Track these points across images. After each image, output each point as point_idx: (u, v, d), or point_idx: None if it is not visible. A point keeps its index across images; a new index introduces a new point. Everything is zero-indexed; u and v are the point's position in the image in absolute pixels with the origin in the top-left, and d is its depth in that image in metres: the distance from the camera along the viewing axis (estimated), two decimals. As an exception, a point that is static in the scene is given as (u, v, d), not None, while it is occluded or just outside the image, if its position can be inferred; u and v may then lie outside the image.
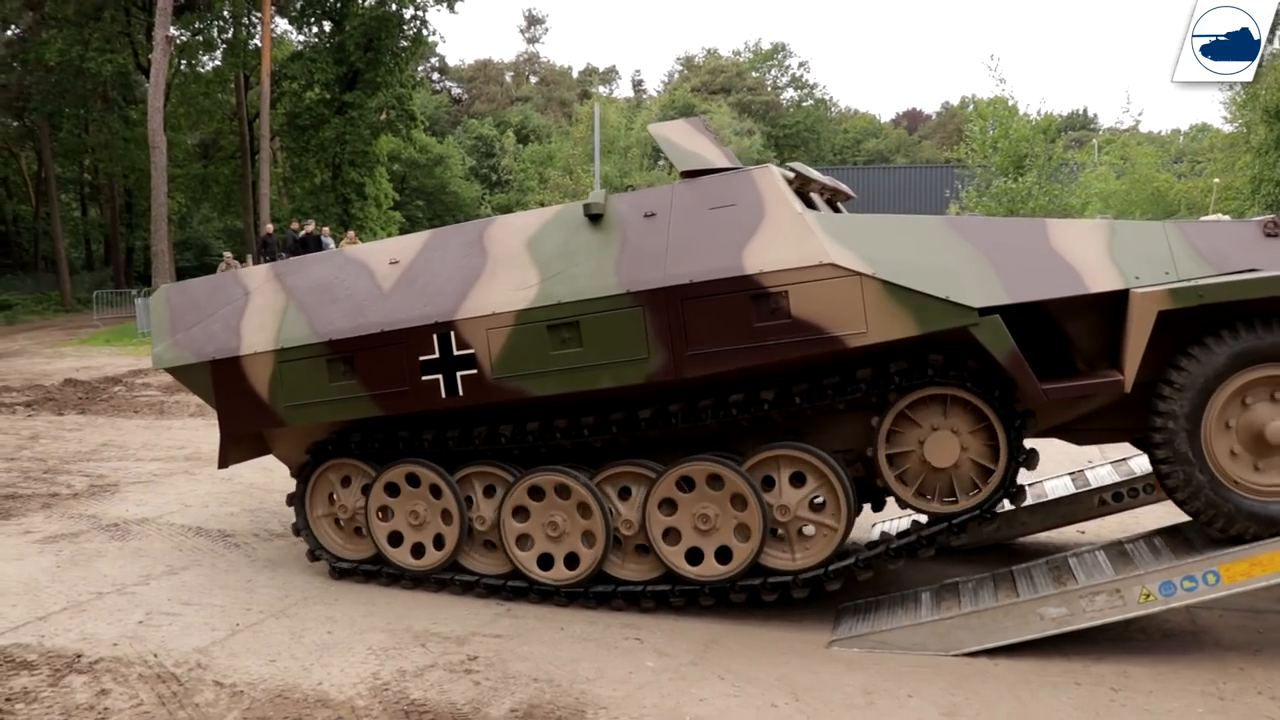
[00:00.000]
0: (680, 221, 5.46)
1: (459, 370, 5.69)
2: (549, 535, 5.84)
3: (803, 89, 74.97)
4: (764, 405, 5.40)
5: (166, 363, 6.53)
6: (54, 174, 40.70)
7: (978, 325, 4.91)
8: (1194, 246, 4.97)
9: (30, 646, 5.22)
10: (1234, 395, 4.82)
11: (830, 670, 4.86)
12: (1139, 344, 4.72)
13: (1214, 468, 4.84)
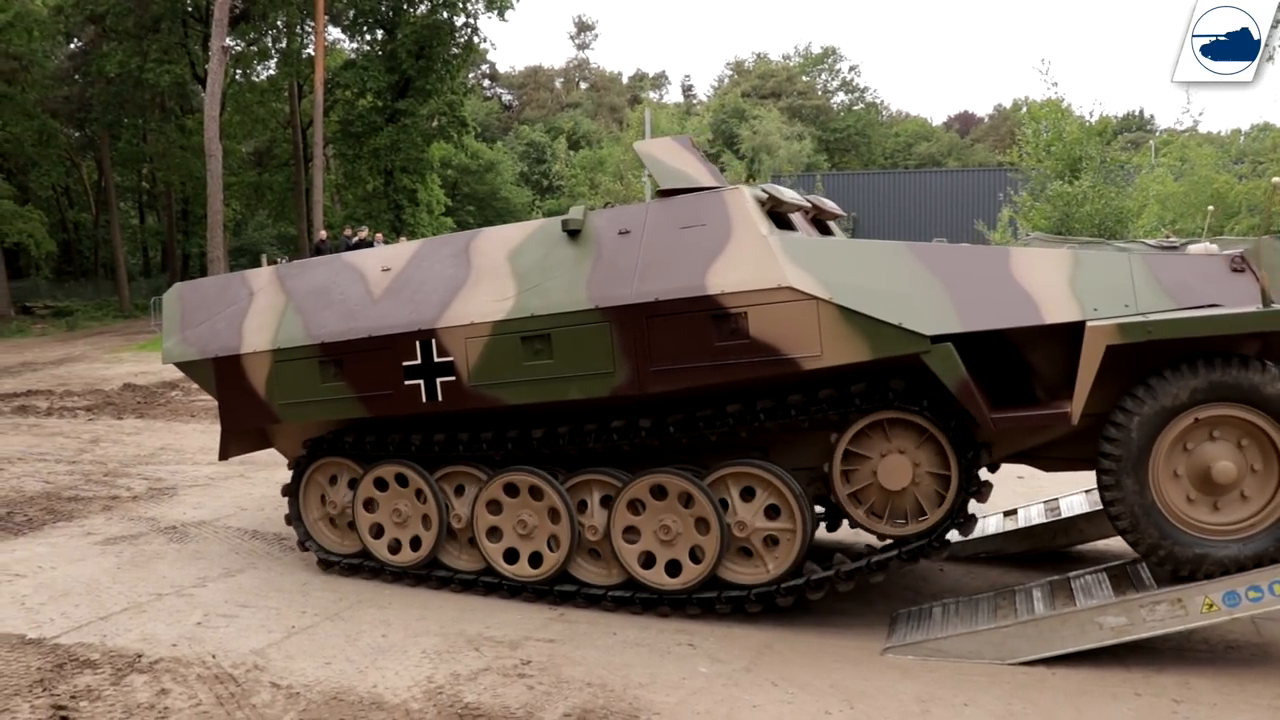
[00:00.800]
0: (652, 239, 5.58)
1: (439, 377, 5.91)
2: (519, 533, 6.03)
3: (854, 93, 74.55)
4: (729, 422, 5.49)
5: (175, 358, 6.80)
6: (113, 182, 41.49)
7: (929, 353, 4.96)
8: (1157, 279, 4.93)
9: (93, 646, 5.31)
10: (1183, 434, 4.81)
11: (885, 677, 4.81)
12: (1088, 377, 4.73)
13: (1161, 506, 4.84)
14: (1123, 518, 4.88)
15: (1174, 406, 4.75)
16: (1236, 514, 4.82)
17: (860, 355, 5.08)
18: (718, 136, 60.61)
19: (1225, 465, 4.74)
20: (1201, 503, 4.85)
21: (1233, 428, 4.78)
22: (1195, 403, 4.74)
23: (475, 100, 57.66)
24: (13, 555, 7.11)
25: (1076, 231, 18.31)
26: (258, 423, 6.72)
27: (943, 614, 5.43)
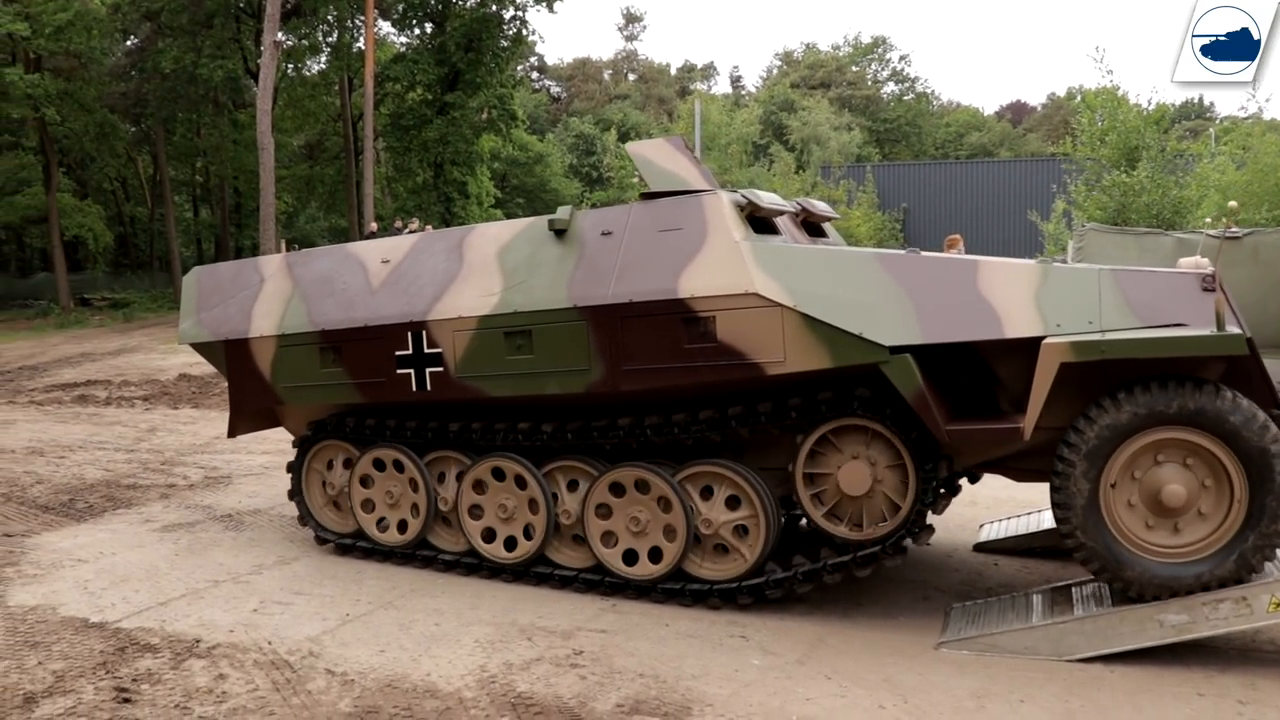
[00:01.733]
0: (632, 241, 5.69)
1: (428, 367, 6.16)
2: (500, 516, 6.26)
3: (904, 83, 73.75)
4: (703, 427, 5.63)
5: (189, 338, 7.21)
6: (168, 176, 42.04)
7: (888, 363, 5.03)
8: (1125, 297, 4.90)
9: (153, 630, 5.39)
10: (1135, 455, 4.82)
11: (939, 672, 4.76)
12: (1041, 393, 4.74)
13: (1111, 525, 4.86)
14: (1071, 535, 4.91)
15: (1125, 428, 4.76)
16: (1188, 537, 4.82)
17: (822, 363, 5.18)
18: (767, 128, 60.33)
19: (1175, 489, 4.74)
20: (1154, 524, 4.86)
21: (1182, 450, 4.77)
22: (1146, 426, 4.75)
23: (524, 92, 57.75)
24: (75, 541, 7.24)
25: (1133, 222, 17.97)
26: (264, 403, 7.03)
27: (998, 609, 5.38)
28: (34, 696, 4.58)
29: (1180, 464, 4.78)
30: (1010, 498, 8.28)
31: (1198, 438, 4.70)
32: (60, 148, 37.23)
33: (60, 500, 8.59)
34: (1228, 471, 4.70)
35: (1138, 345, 4.63)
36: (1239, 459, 4.65)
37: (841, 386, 5.38)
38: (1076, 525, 4.86)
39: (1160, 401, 4.69)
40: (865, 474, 5.37)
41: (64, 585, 6.22)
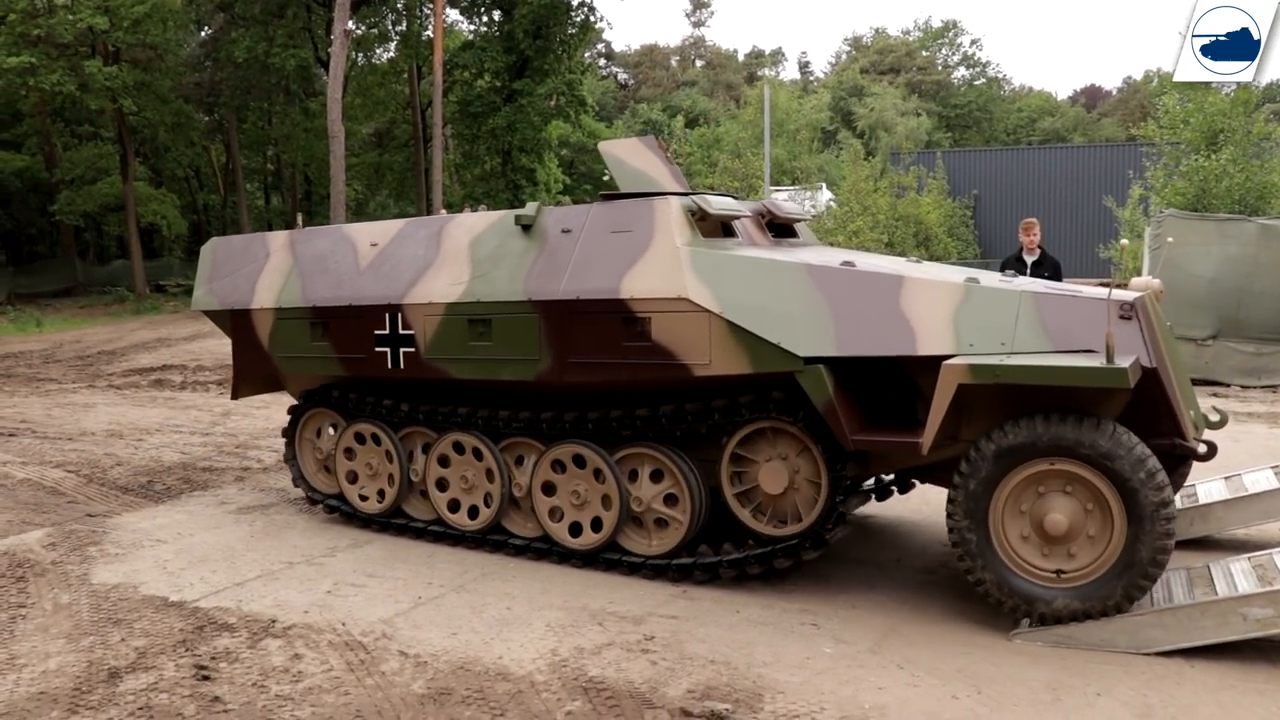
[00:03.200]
0: (587, 240, 5.94)
1: (402, 347, 6.56)
2: (463, 487, 6.70)
3: (974, 67, 72.60)
4: (636, 423, 5.94)
5: (200, 305, 7.75)
6: (240, 164, 42.75)
7: (802, 372, 5.24)
8: (1042, 320, 4.97)
9: (230, 610, 5.49)
10: (1025, 482, 4.92)
11: (1013, 663, 4.68)
12: (939, 411, 4.84)
13: (998, 546, 5.00)
14: (964, 557, 5.06)
15: (1013, 455, 4.88)
16: (1074, 563, 4.92)
17: (743, 368, 5.41)
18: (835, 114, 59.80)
19: (1056, 518, 4.85)
20: (1038, 548, 4.97)
21: (1066, 480, 4.86)
22: (1032, 455, 4.86)
23: (591, 79, 57.80)
24: (154, 522, 7.40)
25: (1214, 208, 17.51)
26: (262, 370, 7.54)
27: (1072, 600, 5.27)
28: (118, 672, 4.69)
29: (1061, 492, 4.88)
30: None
31: (1079, 469, 4.80)
32: (137, 137, 38.01)
33: (139, 482, 8.78)
34: (1108, 501, 4.79)
35: (1026, 372, 4.71)
36: (1117, 492, 4.74)
37: (762, 390, 5.61)
38: (966, 550, 5.04)
39: (1044, 432, 4.80)
40: (784, 474, 5.61)
41: (144, 565, 6.36)
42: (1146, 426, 5.03)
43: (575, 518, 6.25)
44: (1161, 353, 5.09)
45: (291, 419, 7.67)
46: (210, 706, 4.33)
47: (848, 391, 5.35)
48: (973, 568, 5.03)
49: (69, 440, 10.86)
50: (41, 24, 32.10)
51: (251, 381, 7.87)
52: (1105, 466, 4.70)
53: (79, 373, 17.67)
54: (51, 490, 8.51)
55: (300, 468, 7.64)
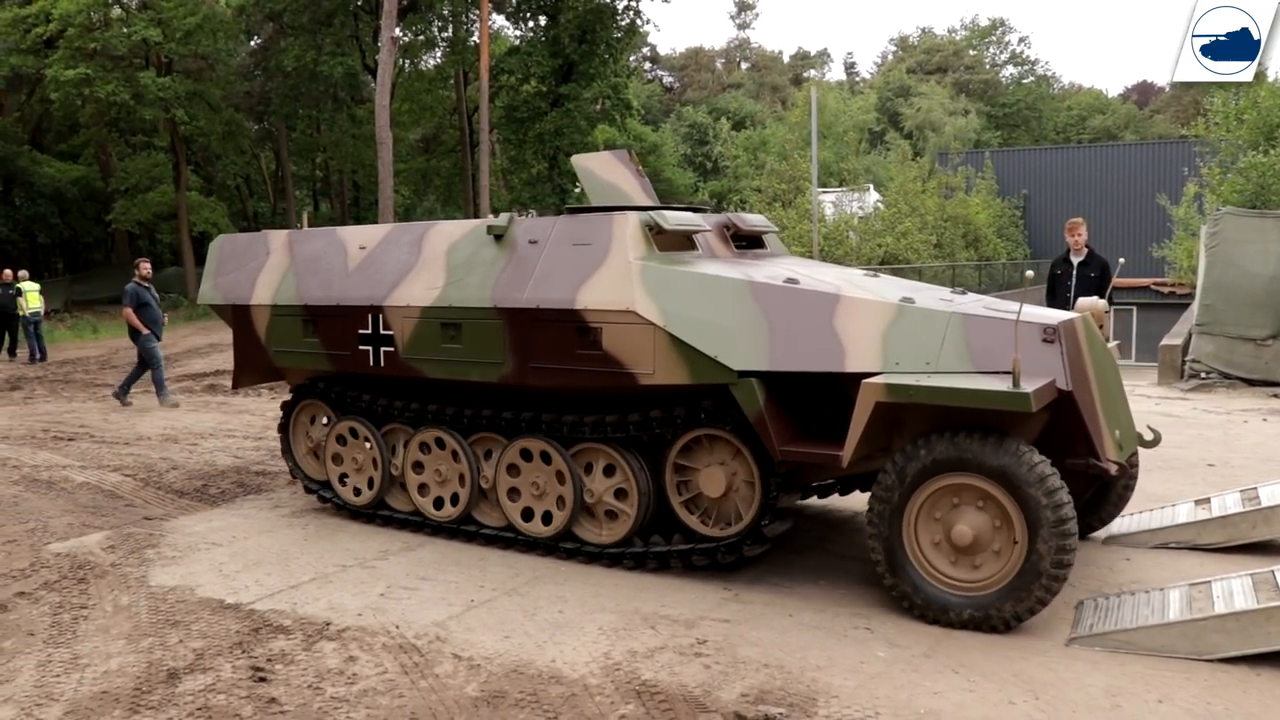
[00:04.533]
0: (551, 252, 6.21)
1: (382, 346, 6.91)
2: (437, 480, 7.06)
3: (1023, 65, 71.80)
4: (584, 431, 6.25)
5: (206, 300, 8.18)
6: (290, 172, 43.30)
7: (736, 385, 5.51)
8: (967, 342, 5.14)
9: (285, 612, 5.54)
10: (939, 493, 5.12)
11: (1070, 669, 4.61)
12: (858, 427, 5.07)
13: (912, 556, 5.20)
14: (880, 564, 5.27)
15: (922, 470, 5.08)
16: (978, 573, 5.10)
17: (683, 378, 5.69)
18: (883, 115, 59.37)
19: (962, 529, 5.03)
20: (948, 556, 5.16)
21: (980, 495, 5.02)
22: (938, 471, 5.06)
23: (637, 83, 57.87)
24: (210, 525, 7.49)
25: (1274, 205, 17.17)
26: (260, 363, 7.91)
27: (1131, 605, 5.17)
28: (177, 672, 4.75)
29: (974, 506, 5.05)
30: (1141, 490, 7.97)
31: (985, 485, 4.98)
32: (189, 146, 38.57)
33: (194, 486, 8.90)
34: (1010, 515, 4.96)
35: (935, 392, 4.90)
36: (1018, 506, 4.90)
37: (699, 401, 5.88)
38: (882, 557, 5.25)
39: (949, 449, 5.00)
40: (722, 478, 5.88)
41: (200, 567, 6.44)
42: (1066, 446, 5.25)
43: (536, 507, 6.60)
44: (1086, 375, 5.29)
45: (284, 414, 8.17)
46: (267, 708, 4.37)
47: (782, 403, 5.61)
48: (888, 574, 5.25)
49: (125, 445, 11.03)
50: (98, 37, 32.74)
51: (251, 373, 8.28)
52: (1006, 482, 4.88)
53: (135, 378, 17.94)
54: (110, 494, 8.64)
55: (295, 458, 8.08)
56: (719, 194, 44.17)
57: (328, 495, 7.78)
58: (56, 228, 42.09)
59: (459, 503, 6.95)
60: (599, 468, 6.31)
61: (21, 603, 5.86)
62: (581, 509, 6.38)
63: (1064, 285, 10.96)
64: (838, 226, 31.21)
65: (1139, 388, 14.60)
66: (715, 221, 6.63)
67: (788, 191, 31.87)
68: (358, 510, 7.54)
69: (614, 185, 6.88)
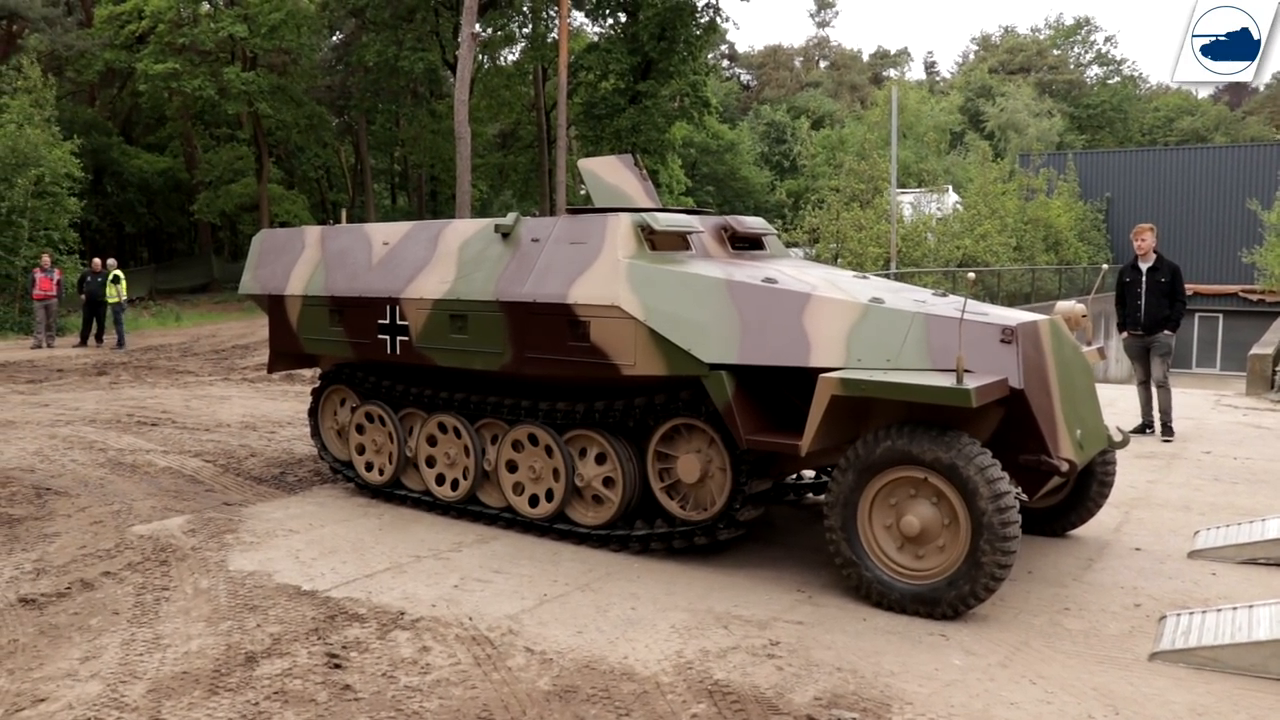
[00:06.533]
0: (550, 250, 6.55)
1: (398, 335, 7.32)
2: (446, 463, 7.48)
3: (1108, 65, 70.27)
4: (576, 418, 6.62)
5: (246, 290, 8.61)
6: (369, 165, 43.92)
7: (707, 377, 5.83)
8: (928, 340, 5.40)
9: (360, 601, 5.60)
10: (892, 484, 5.36)
11: (1153, 685, 4.48)
12: (815, 419, 5.34)
13: (866, 544, 5.44)
14: (838, 554, 5.51)
15: (872, 462, 5.34)
16: (922, 563, 5.33)
17: (661, 370, 6.04)
18: (964, 115, 58.51)
19: (910, 520, 5.27)
20: (895, 543, 5.41)
21: (936, 492, 5.22)
22: (887, 463, 5.30)
23: (715, 81, 57.72)
24: (287, 512, 7.61)
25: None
26: (292, 349, 8.35)
27: (1217, 621, 4.99)
28: (255, 656, 4.82)
29: (929, 500, 5.26)
30: (1229, 504, 7.81)
31: (935, 480, 5.18)
32: (271, 139, 39.30)
33: (272, 473, 9.05)
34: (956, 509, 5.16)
35: (884, 387, 5.14)
36: (962, 499, 5.10)
37: (676, 390, 6.21)
38: (837, 539, 5.49)
39: (896, 442, 5.23)
40: (697, 465, 6.19)
41: (278, 553, 6.54)
42: (1022, 443, 5.46)
43: (533, 490, 6.97)
44: (1045, 375, 5.53)
45: (314, 399, 8.61)
46: (341, 694, 4.41)
47: (754, 396, 5.91)
48: (840, 552, 5.50)
49: (206, 431, 11.25)
50: (187, 33, 33.50)
51: (285, 358, 8.71)
52: (951, 475, 5.09)
53: (214, 365, 18.34)
54: (190, 479, 8.82)
55: (323, 439, 8.53)
56: (795, 193, 43.84)
57: (350, 475, 8.19)
58: (143, 217, 43.17)
59: (464, 483, 7.36)
60: (591, 454, 6.67)
61: (107, 582, 6.00)
62: (574, 492, 6.74)
63: (1133, 293, 10.74)
64: (915, 228, 30.82)
65: (1225, 398, 14.23)
66: (712, 224, 6.95)
67: (866, 191, 31.53)
68: (377, 489, 7.98)
69: (617, 188, 7.37)
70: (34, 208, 25.85)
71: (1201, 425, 11.65)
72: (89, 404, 13.37)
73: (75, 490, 8.31)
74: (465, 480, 7.34)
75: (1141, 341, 10.79)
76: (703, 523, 6.21)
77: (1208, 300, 39.51)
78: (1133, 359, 11.02)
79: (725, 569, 6.16)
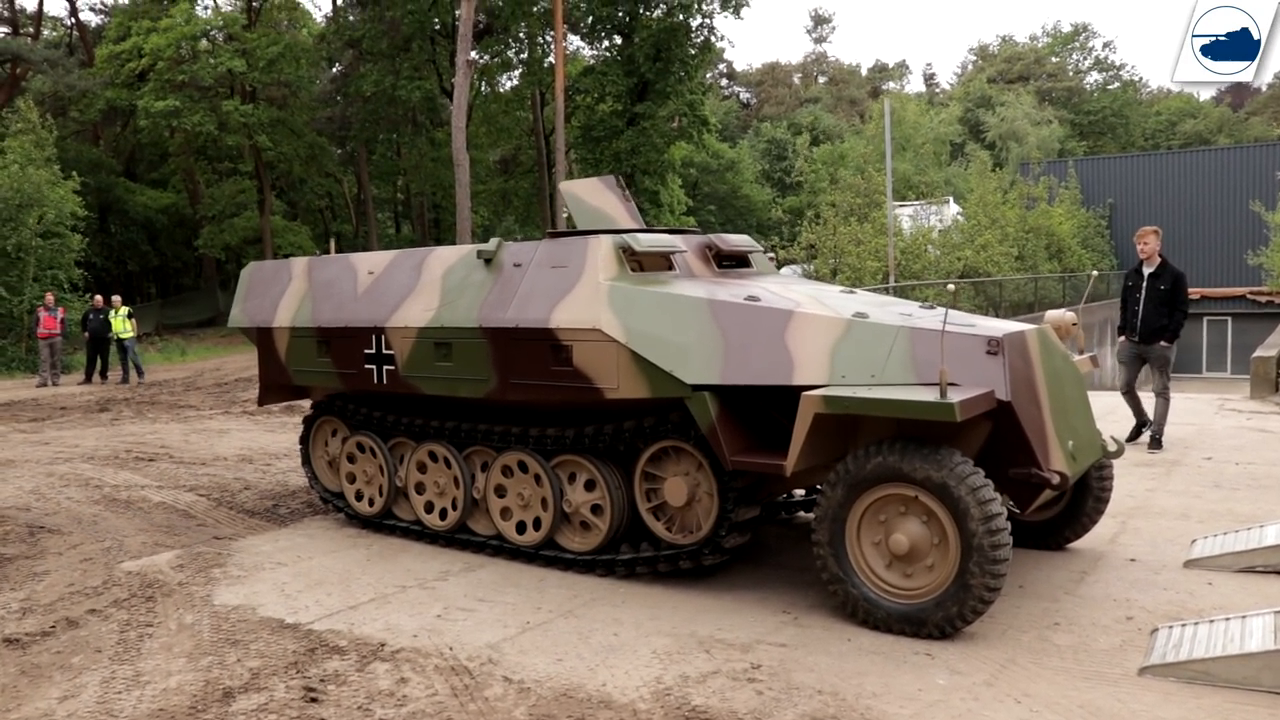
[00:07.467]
0: (532, 274, 6.50)
1: (384, 365, 7.29)
2: (435, 491, 7.44)
3: (1108, 70, 70.25)
4: (566, 442, 6.56)
5: (235, 323, 8.60)
6: (371, 195, 44.06)
7: (690, 398, 5.76)
8: (912, 355, 5.29)
9: (342, 633, 5.56)
10: (877, 502, 5.27)
11: (1141, 700, 4.40)
12: (799, 437, 5.23)
13: (855, 561, 5.34)
14: (825, 570, 5.42)
15: (860, 479, 5.25)
16: (911, 582, 5.24)
17: (644, 392, 5.96)
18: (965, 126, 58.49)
19: (899, 538, 5.17)
20: (884, 560, 5.32)
21: (926, 511, 5.12)
22: (875, 481, 5.21)
23: (714, 100, 57.88)
24: (276, 544, 7.58)
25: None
26: (282, 381, 8.32)
27: (1210, 633, 4.89)
28: (232, 691, 4.78)
29: (918, 518, 5.17)
30: (1228, 510, 7.72)
31: (924, 497, 5.09)
32: (273, 172, 39.50)
33: (265, 505, 9.03)
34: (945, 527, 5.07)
35: (867, 403, 5.04)
36: (951, 516, 5.01)
37: (663, 413, 6.15)
38: (825, 555, 5.40)
39: (891, 458, 5.13)
40: (685, 488, 6.13)
41: (264, 587, 6.51)
42: (1013, 457, 5.33)
43: (520, 517, 6.91)
44: (1033, 387, 5.41)
45: (305, 429, 8.58)
46: (317, 730, 4.37)
47: (740, 417, 5.83)
48: (827, 569, 5.40)
49: (203, 465, 11.25)
50: (186, 70, 33.72)
51: (274, 391, 8.69)
52: (942, 495, 4.99)
53: (216, 399, 18.36)
54: (184, 513, 8.80)
55: (314, 472, 8.51)
56: (796, 209, 43.85)
57: (341, 505, 8.18)
58: (146, 255, 43.35)
59: (452, 514, 7.32)
60: (580, 480, 6.60)
61: (92, 620, 5.97)
62: (562, 518, 6.68)
63: (1133, 298, 10.63)
64: (915, 240, 30.78)
65: (1229, 402, 14.13)
66: (696, 243, 6.92)
67: (862, 205, 31.52)
68: (368, 519, 7.95)
69: (600, 210, 7.33)
70: (38, 247, 25.99)
71: (1204, 430, 11.56)
72: (89, 441, 13.39)
73: (68, 528, 8.30)
74: (454, 510, 7.29)
75: (1136, 349, 10.67)
76: (688, 548, 6.15)
77: (1216, 303, 39.36)
78: (1121, 362, 10.91)
79: (712, 591, 6.10)
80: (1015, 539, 6.67)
